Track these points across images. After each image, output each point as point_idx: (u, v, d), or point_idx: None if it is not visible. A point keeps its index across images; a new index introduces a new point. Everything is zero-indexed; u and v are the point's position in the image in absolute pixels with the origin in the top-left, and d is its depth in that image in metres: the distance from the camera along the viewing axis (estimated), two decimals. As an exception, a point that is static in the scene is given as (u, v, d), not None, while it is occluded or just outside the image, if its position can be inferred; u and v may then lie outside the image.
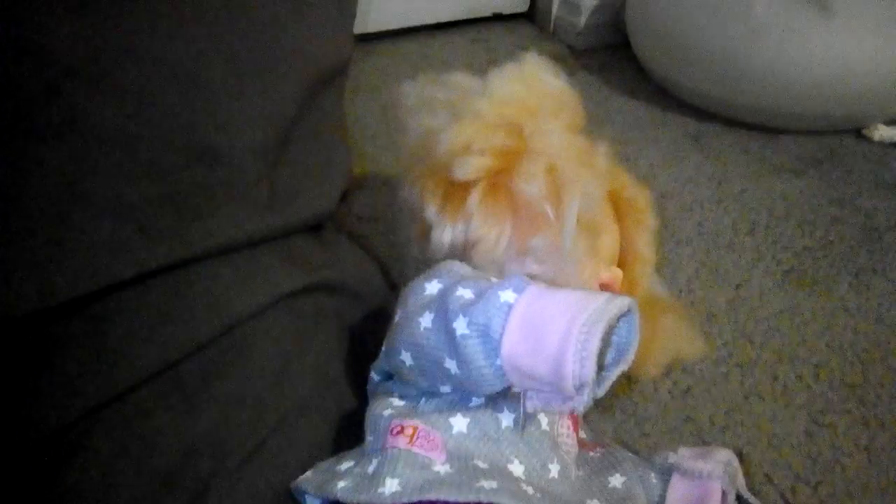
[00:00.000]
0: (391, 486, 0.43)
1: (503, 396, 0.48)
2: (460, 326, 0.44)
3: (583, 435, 0.58)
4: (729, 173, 1.01)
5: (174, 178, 0.47)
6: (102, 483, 0.42)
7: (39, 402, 0.41)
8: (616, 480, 0.52)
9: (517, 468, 0.47)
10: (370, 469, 0.45)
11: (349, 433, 0.52)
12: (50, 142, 0.44)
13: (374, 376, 0.54)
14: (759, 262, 0.85)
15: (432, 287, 0.48)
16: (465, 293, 0.46)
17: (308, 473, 0.48)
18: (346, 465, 0.47)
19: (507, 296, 0.44)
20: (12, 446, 0.40)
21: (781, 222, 0.91)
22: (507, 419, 0.48)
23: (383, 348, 0.51)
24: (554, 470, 0.48)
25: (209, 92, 0.50)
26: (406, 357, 0.48)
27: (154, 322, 0.46)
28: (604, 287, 0.59)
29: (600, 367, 0.43)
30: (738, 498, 0.53)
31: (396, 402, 0.50)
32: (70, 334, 0.43)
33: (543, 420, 0.49)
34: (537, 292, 0.45)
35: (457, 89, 0.60)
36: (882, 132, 1.08)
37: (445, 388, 0.49)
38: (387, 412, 0.48)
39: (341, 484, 0.45)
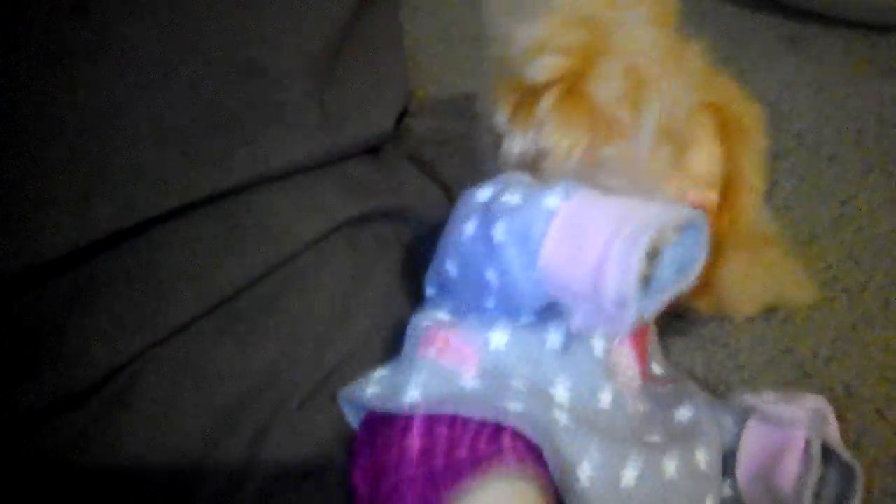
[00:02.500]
0: (413, 395, 0.42)
1: (552, 314, 0.44)
2: (499, 232, 0.41)
3: (659, 370, 0.53)
4: (830, 78, 0.91)
5: (217, 98, 0.44)
6: (159, 424, 0.40)
7: (89, 344, 0.40)
8: (682, 414, 0.48)
9: (561, 393, 0.43)
10: (399, 378, 0.43)
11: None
12: (82, 64, 0.41)
13: (430, 290, 0.50)
14: (868, 175, 0.76)
15: (483, 194, 0.45)
16: (511, 199, 0.42)
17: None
18: (380, 374, 0.46)
19: (551, 201, 0.40)
20: (62, 390, 0.39)
21: (892, 130, 0.82)
22: (553, 339, 0.44)
23: (435, 255, 0.48)
24: (605, 400, 0.45)
25: (250, 2, 0.46)
26: (451, 266, 0.45)
27: (204, 255, 0.44)
28: (691, 210, 0.53)
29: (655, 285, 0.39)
30: (827, 451, 0.47)
31: (441, 315, 0.47)
32: (116, 271, 0.41)
33: (598, 345, 0.45)
34: (587, 198, 0.40)
35: None
36: None
37: (490, 303, 0.45)
38: (425, 323, 0.46)
39: (370, 391, 0.44)
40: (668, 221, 0.38)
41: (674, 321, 0.58)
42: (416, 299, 0.51)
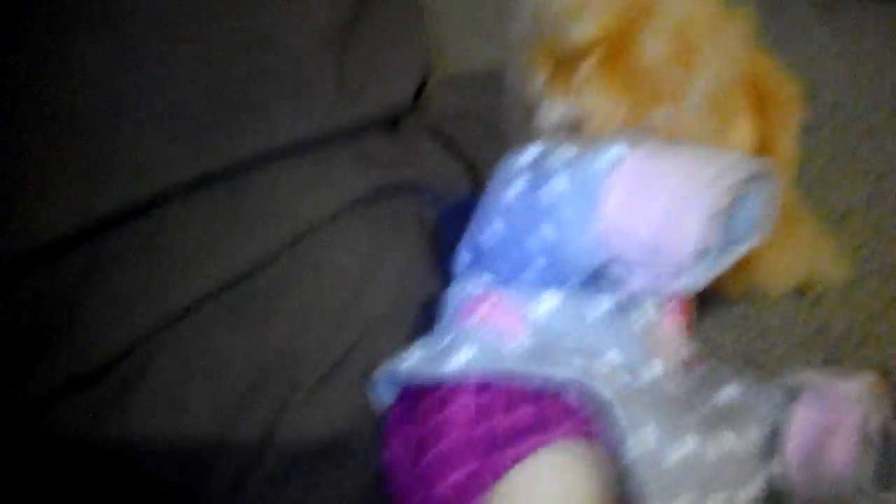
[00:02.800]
0: (461, 362, 0.40)
1: (605, 276, 0.42)
2: (560, 183, 0.39)
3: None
4: (865, 47, 0.88)
5: (225, 69, 0.43)
6: (171, 407, 0.39)
7: (98, 325, 0.39)
8: (728, 392, 0.46)
9: (610, 363, 0.42)
10: (442, 345, 0.42)
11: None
12: (87, 36, 0.40)
13: (464, 260, 0.48)
14: (905, 148, 0.73)
15: (527, 156, 0.43)
16: (567, 153, 0.40)
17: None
18: (420, 344, 0.44)
19: (615, 151, 0.38)
20: (72, 371, 0.38)
21: (931, 102, 0.79)
22: (607, 302, 0.43)
23: (473, 222, 0.46)
24: (652, 373, 0.43)
25: None
26: (498, 225, 0.43)
27: (214, 234, 0.42)
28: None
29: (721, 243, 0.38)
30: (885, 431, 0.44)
31: (479, 283, 0.45)
32: (123, 252, 0.40)
33: (650, 310, 0.44)
34: (654, 146, 0.38)
35: None
36: None
37: (540, 262, 0.43)
38: (464, 292, 0.45)
39: (413, 360, 0.42)
40: (746, 171, 0.36)
41: (704, 299, 0.57)
42: (437, 274, 0.50)
